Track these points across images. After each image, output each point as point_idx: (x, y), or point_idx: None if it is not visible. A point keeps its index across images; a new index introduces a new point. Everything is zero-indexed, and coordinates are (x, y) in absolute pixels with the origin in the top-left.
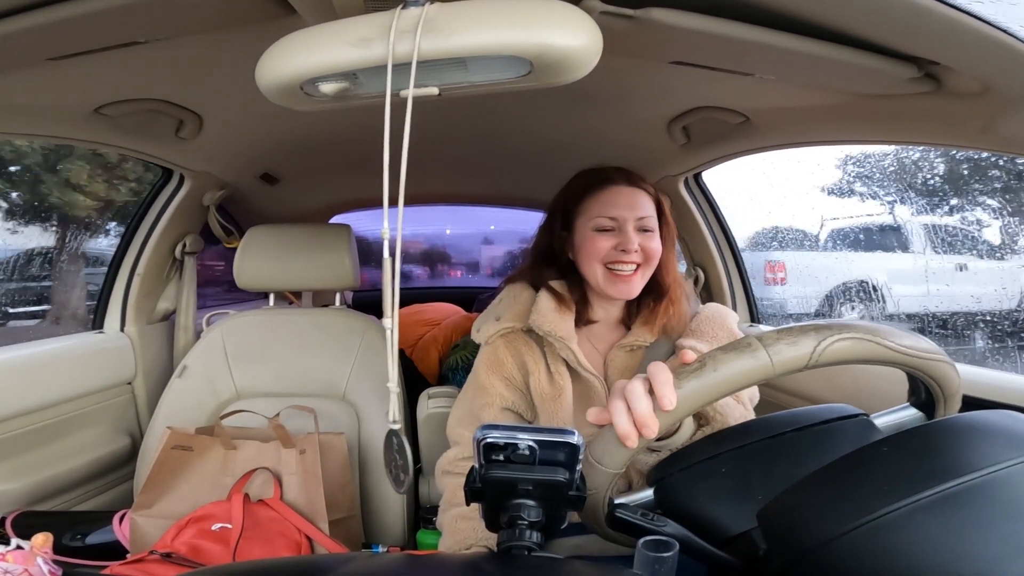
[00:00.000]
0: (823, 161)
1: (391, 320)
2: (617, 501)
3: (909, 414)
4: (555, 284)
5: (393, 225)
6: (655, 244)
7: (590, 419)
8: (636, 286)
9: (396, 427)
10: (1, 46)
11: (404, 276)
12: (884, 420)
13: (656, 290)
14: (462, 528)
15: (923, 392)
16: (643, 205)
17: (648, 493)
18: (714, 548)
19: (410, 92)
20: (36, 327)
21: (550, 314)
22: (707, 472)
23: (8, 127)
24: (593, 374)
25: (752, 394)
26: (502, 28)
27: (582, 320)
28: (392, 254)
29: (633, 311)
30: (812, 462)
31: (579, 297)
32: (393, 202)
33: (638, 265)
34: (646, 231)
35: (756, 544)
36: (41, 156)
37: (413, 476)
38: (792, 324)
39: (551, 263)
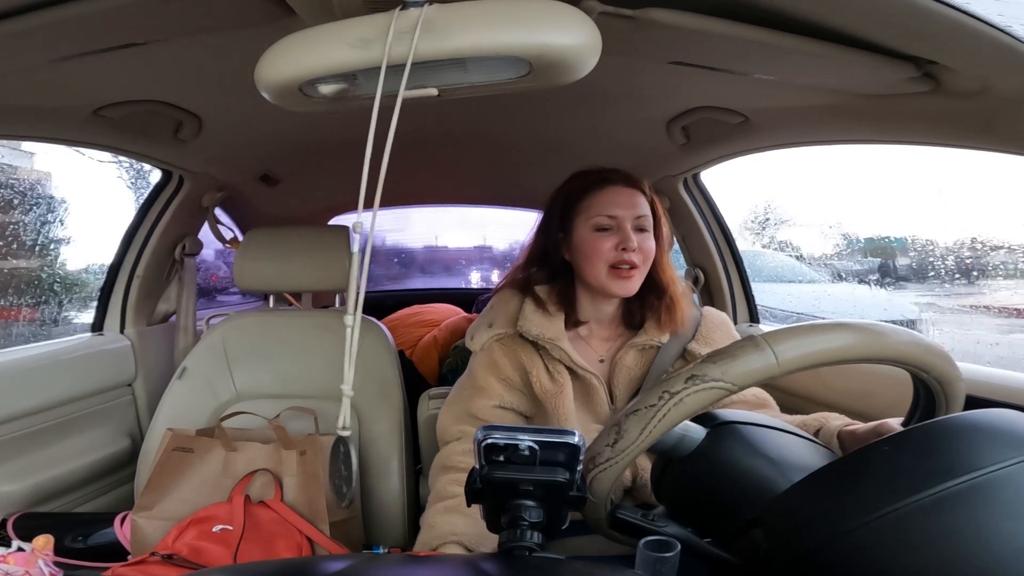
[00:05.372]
0: None
1: (353, 317)
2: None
3: None
4: (539, 291)
5: (366, 224)
6: (651, 244)
7: None
8: (635, 284)
9: (346, 434)
10: (2, 48)
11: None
12: None
13: (656, 289)
14: (439, 522)
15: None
16: (640, 204)
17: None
18: (715, 548)
19: (400, 93)
20: None
21: (536, 318)
22: (762, 438)
23: (9, 129)
24: (591, 372)
25: (756, 393)
26: (501, 29)
27: (571, 321)
28: (362, 251)
29: (635, 311)
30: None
31: (567, 299)
32: (369, 202)
33: (636, 264)
34: (643, 231)
35: (757, 544)
36: None
37: (413, 477)
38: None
39: (544, 265)
